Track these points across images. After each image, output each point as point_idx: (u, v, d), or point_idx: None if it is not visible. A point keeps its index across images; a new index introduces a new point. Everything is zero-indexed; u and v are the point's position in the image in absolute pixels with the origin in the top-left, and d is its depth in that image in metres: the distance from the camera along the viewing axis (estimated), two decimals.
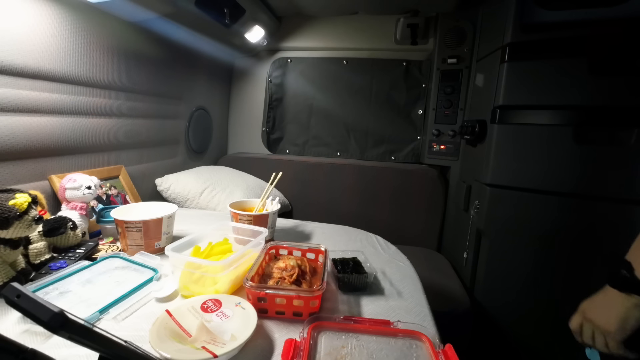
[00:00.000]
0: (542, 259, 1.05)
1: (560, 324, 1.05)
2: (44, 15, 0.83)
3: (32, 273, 0.61)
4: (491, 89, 1.12)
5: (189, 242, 0.66)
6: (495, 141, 1.07)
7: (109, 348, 0.28)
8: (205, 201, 1.28)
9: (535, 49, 1.01)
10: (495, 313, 1.13)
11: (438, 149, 1.53)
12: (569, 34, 0.97)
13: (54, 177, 0.87)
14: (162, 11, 1.08)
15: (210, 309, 0.51)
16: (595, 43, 0.95)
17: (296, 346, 0.43)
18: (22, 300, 0.24)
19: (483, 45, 1.31)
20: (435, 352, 0.43)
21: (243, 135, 1.90)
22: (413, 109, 1.67)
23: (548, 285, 1.05)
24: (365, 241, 0.92)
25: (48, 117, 0.87)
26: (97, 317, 0.51)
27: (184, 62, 1.45)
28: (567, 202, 1.00)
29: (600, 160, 0.96)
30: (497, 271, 1.11)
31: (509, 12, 1.02)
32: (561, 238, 1.02)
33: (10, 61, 0.76)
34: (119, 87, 1.09)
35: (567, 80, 0.98)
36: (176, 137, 1.48)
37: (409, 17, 1.46)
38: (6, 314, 0.50)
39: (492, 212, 1.10)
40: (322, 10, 1.62)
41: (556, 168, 1.01)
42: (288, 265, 0.61)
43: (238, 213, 0.82)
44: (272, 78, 1.80)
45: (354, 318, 0.50)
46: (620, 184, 0.94)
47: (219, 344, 0.43)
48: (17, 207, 0.53)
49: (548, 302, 1.06)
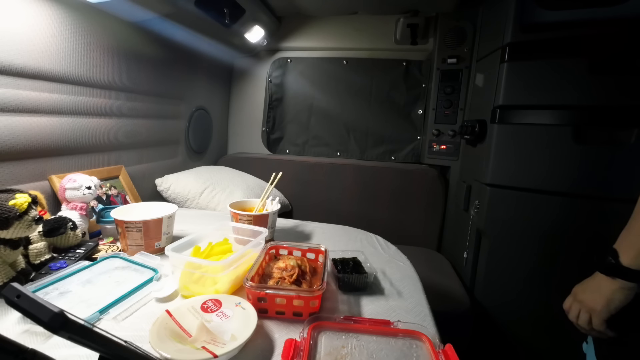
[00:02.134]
0: (542, 259, 1.05)
1: (559, 323, 1.05)
2: (44, 15, 0.83)
3: (32, 273, 0.61)
4: (491, 89, 1.12)
5: (189, 242, 0.66)
6: (495, 141, 1.07)
7: (109, 348, 0.28)
8: (205, 201, 1.28)
9: (535, 49, 1.01)
10: (495, 313, 1.13)
11: (438, 149, 1.53)
12: (569, 34, 0.97)
13: (54, 177, 0.87)
14: (162, 11, 1.08)
15: (210, 309, 0.51)
16: (595, 43, 0.95)
17: (296, 346, 0.43)
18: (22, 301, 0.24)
19: (483, 45, 1.31)
20: (435, 352, 0.43)
21: (243, 135, 1.90)
22: (413, 109, 1.67)
23: (548, 285, 1.05)
24: (365, 241, 0.92)
25: (48, 117, 0.87)
26: (97, 317, 0.51)
27: (184, 62, 1.45)
28: (567, 202, 1.00)
29: (600, 160, 0.96)
30: (497, 271, 1.11)
31: (509, 12, 1.02)
32: (561, 238, 1.02)
33: (10, 61, 0.76)
34: (118, 87, 1.09)
35: (567, 80, 0.98)
36: (176, 137, 1.48)
37: (409, 17, 1.46)
38: (6, 314, 0.50)
39: (492, 212, 1.10)
40: (322, 10, 1.62)
41: (556, 168, 1.01)
42: (288, 265, 0.61)
43: (238, 213, 0.82)
44: (272, 78, 1.80)
45: (354, 318, 0.50)
46: (620, 184, 0.94)
47: (219, 344, 0.43)
48: (17, 208, 0.53)
49: (548, 302, 1.05)
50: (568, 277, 1.03)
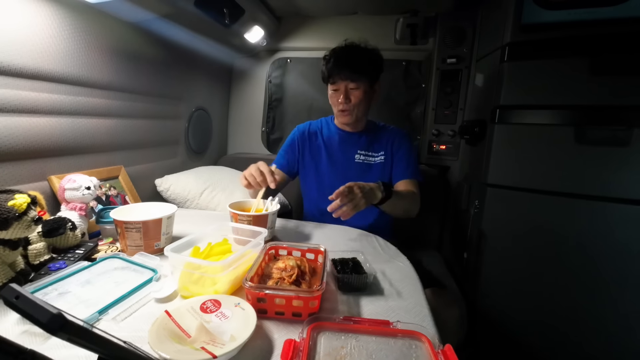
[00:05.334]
0: (541, 259, 1.05)
1: (559, 323, 1.05)
2: (44, 15, 0.83)
3: (32, 274, 0.61)
4: (491, 89, 1.12)
5: (189, 242, 0.66)
6: (495, 141, 1.07)
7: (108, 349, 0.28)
8: (205, 201, 1.28)
9: (534, 49, 1.01)
10: (495, 313, 1.13)
11: (438, 149, 1.53)
12: (569, 33, 0.97)
13: (54, 178, 0.87)
14: (162, 11, 1.08)
15: (210, 310, 0.51)
16: (595, 43, 0.94)
17: (295, 347, 0.43)
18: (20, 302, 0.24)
19: (483, 45, 1.31)
20: (435, 352, 0.43)
21: (243, 136, 1.90)
22: (413, 109, 1.67)
23: (548, 285, 1.05)
24: (365, 241, 0.92)
25: (47, 117, 0.87)
26: (97, 317, 0.51)
27: (184, 62, 1.45)
28: (567, 202, 1.00)
29: (600, 160, 0.96)
30: (496, 271, 1.11)
31: (509, 12, 1.02)
32: (561, 238, 1.02)
33: (9, 62, 0.76)
34: (118, 87, 1.09)
35: (566, 80, 0.98)
36: (176, 138, 1.48)
37: (409, 17, 1.46)
38: (5, 315, 0.50)
39: (492, 212, 1.10)
40: (322, 11, 1.62)
41: (556, 168, 1.01)
42: (287, 265, 0.61)
43: (238, 213, 0.82)
44: (271, 78, 1.79)
45: (354, 318, 0.50)
46: (620, 184, 0.94)
47: (218, 345, 0.43)
48: (16, 208, 0.53)
49: (547, 302, 1.06)
50: (568, 277, 1.03)
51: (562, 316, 1.04)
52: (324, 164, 1.20)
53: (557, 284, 1.04)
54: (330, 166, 1.19)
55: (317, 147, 1.22)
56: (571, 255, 1.01)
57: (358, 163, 1.18)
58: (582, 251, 1.00)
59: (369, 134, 1.19)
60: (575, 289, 1.01)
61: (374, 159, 1.18)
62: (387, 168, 1.17)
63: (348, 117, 1.11)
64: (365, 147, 1.18)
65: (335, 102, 1.11)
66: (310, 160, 1.21)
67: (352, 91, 1.07)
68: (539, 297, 1.06)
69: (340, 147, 1.20)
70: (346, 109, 1.08)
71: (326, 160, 1.20)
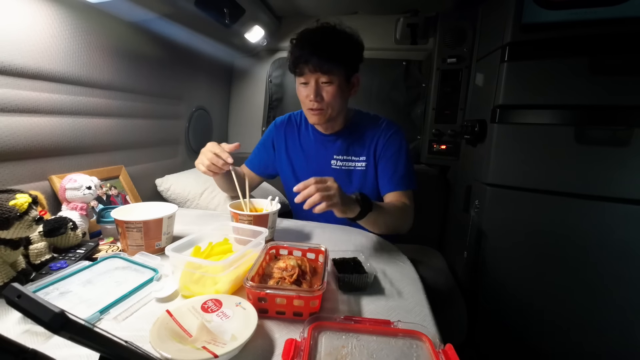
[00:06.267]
0: (541, 259, 1.05)
1: (559, 323, 1.05)
2: (44, 15, 0.83)
3: (33, 273, 0.61)
4: (491, 89, 1.12)
5: (189, 242, 0.66)
6: (495, 141, 1.07)
7: (109, 348, 0.28)
8: (206, 202, 1.28)
9: (535, 49, 1.01)
10: (495, 313, 1.13)
11: (438, 149, 1.53)
12: (569, 33, 0.97)
13: (54, 178, 0.87)
14: (162, 11, 1.08)
15: (211, 309, 0.51)
16: (595, 43, 0.95)
17: (296, 346, 0.43)
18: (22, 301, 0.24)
19: (483, 45, 1.31)
20: (436, 352, 0.43)
21: (243, 135, 1.90)
22: (413, 108, 1.67)
23: (548, 285, 1.05)
24: (365, 241, 0.92)
25: (48, 117, 0.87)
26: (98, 317, 0.51)
27: (184, 62, 1.45)
28: (567, 202, 1.00)
29: (600, 160, 0.96)
30: (497, 271, 1.11)
31: (509, 11, 1.02)
32: (561, 238, 1.02)
33: (10, 61, 0.76)
34: (118, 87, 1.09)
35: (567, 79, 0.98)
36: (176, 137, 1.48)
37: (409, 17, 1.46)
38: (7, 314, 0.50)
39: (492, 212, 1.10)
40: (322, 10, 1.62)
41: (556, 168, 1.01)
42: (288, 265, 0.61)
43: (238, 213, 0.82)
44: (272, 78, 1.79)
45: (354, 318, 0.50)
46: (620, 184, 0.94)
47: (219, 344, 0.43)
48: (17, 208, 0.53)
49: (548, 301, 1.06)
50: (568, 276, 1.03)
51: (562, 315, 1.04)
52: (301, 165, 1.07)
53: (558, 284, 1.04)
54: (306, 168, 1.06)
55: (294, 144, 1.07)
56: (572, 255, 1.01)
57: (335, 170, 1.03)
58: (582, 251, 1.00)
59: (346, 135, 1.02)
60: (576, 288, 1.01)
61: (354, 164, 1.02)
62: (369, 176, 1.01)
63: (319, 117, 0.93)
64: (344, 151, 1.02)
65: (304, 99, 0.93)
66: (286, 159, 1.08)
67: (323, 86, 0.89)
68: (540, 296, 1.06)
69: (316, 149, 1.04)
70: (316, 107, 0.91)
71: (303, 161, 1.06)
